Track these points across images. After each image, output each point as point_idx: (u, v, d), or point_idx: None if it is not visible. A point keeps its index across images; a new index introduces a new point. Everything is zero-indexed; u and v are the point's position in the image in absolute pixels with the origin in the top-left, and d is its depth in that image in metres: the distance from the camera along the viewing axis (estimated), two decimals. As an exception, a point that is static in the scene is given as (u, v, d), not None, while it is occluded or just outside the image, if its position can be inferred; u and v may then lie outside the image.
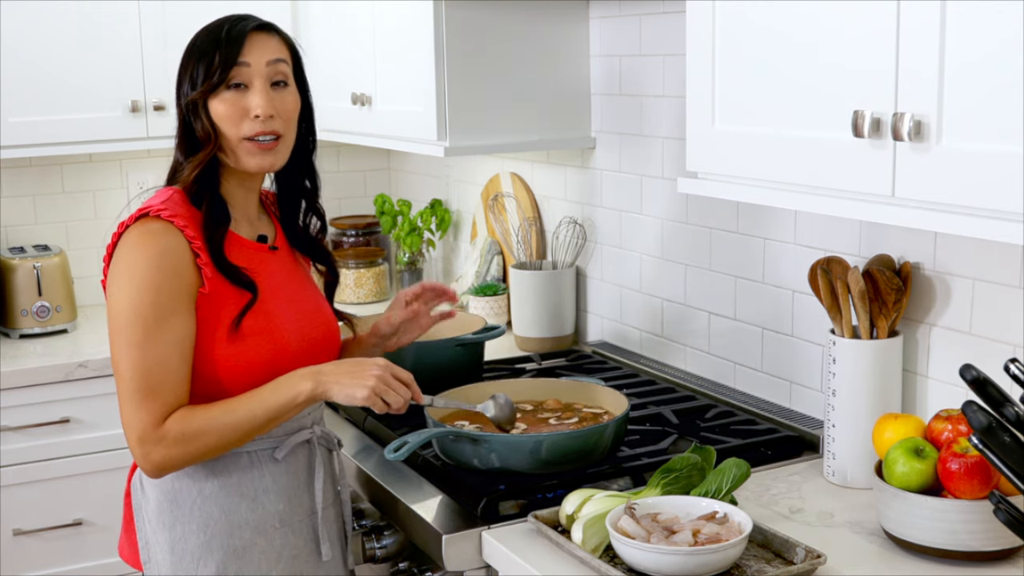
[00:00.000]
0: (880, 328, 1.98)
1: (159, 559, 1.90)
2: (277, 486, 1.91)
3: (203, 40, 1.88)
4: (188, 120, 1.89)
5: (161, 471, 1.80)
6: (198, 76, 1.86)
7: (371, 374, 1.83)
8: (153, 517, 1.89)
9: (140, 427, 1.77)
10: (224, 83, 1.85)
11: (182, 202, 1.86)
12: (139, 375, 1.77)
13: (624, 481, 2.01)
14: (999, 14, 1.39)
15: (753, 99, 1.81)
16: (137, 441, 1.78)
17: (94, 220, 3.71)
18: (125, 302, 1.78)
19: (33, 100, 3.25)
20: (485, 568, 1.88)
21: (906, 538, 1.72)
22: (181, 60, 1.91)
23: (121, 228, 1.83)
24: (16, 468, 3.08)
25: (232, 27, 1.87)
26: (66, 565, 3.16)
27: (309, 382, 1.82)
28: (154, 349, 1.77)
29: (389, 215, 3.74)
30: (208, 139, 1.86)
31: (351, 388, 1.82)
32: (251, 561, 1.89)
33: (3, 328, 3.40)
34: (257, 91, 1.86)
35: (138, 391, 1.77)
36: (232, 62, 1.85)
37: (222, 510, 1.87)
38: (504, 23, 2.72)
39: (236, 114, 1.86)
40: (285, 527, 1.92)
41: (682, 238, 2.60)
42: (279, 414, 1.82)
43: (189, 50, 1.90)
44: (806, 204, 1.74)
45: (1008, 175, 1.39)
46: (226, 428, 1.80)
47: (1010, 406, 1.40)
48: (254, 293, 1.86)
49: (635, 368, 2.70)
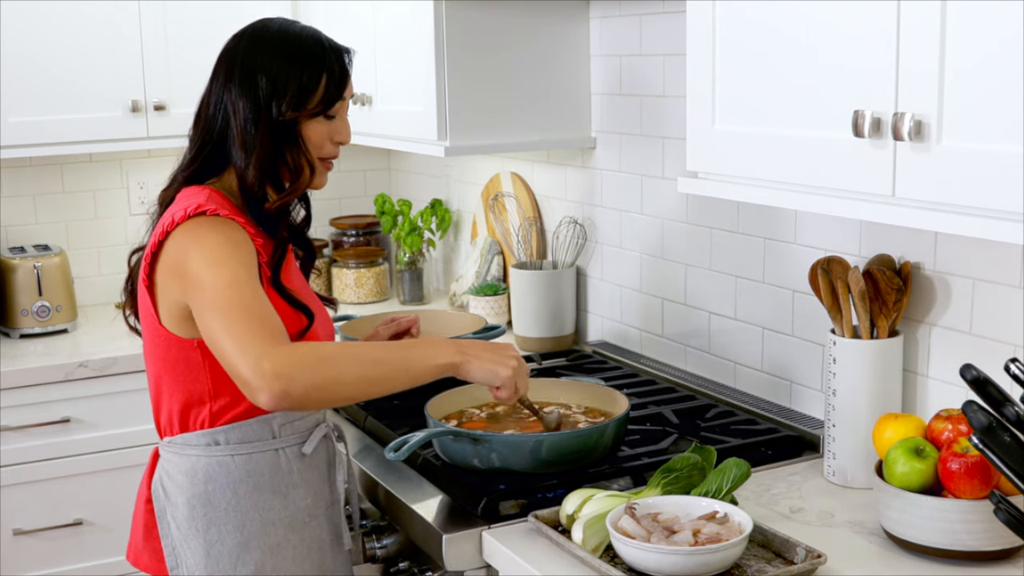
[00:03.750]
0: (880, 328, 1.98)
1: (191, 563, 1.89)
2: (303, 480, 1.93)
3: (306, 54, 1.87)
4: (275, 134, 1.86)
5: (287, 391, 1.61)
6: (307, 94, 1.86)
7: (512, 356, 1.86)
8: (183, 521, 1.89)
9: (261, 345, 1.63)
10: (325, 113, 1.89)
11: (225, 202, 1.86)
12: (255, 321, 1.66)
13: (624, 481, 2.01)
14: (999, 14, 1.39)
15: (753, 99, 1.81)
16: (259, 356, 1.62)
17: (94, 220, 3.71)
18: (213, 277, 1.71)
19: (33, 100, 3.25)
20: (485, 568, 1.88)
21: (906, 538, 1.72)
22: (263, 61, 1.86)
23: (171, 226, 1.79)
24: (16, 468, 3.07)
25: (334, 48, 1.91)
26: (66, 565, 3.16)
27: (451, 349, 1.78)
28: (262, 305, 1.70)
29: (389, 215, 3.74)
30: (303, 170, 1.89)
31: (495, 365, 1.82)
32: (286, 557, 1.90)
33: (3, 328, 3.40)
34: (345, 121, 1.94)
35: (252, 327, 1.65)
36: (340, 93, 1.90)
37: (257, 509, 1.88)
38: (504, 23, 2.72)
39: (324, 139, 1.91)
40: (313, 520, 1.94)
41: (682, 238, 2.60)
42: (416, 368, 1.74)
43: (285, 56, 1.86)
44: (806, 204, 1.74)
45: (1008, 175, 1.39)
46: (363, 359, 1.70)
47: (1010, 406, 1.40)
48: (310, 319, 1.89)
49: (635, 368, 2.70)
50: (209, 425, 1.86)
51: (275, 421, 1.89)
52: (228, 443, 1.87)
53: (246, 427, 1.87)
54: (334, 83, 1.89)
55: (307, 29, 1.93)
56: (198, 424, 1.87)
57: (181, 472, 1.88)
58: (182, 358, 1.84)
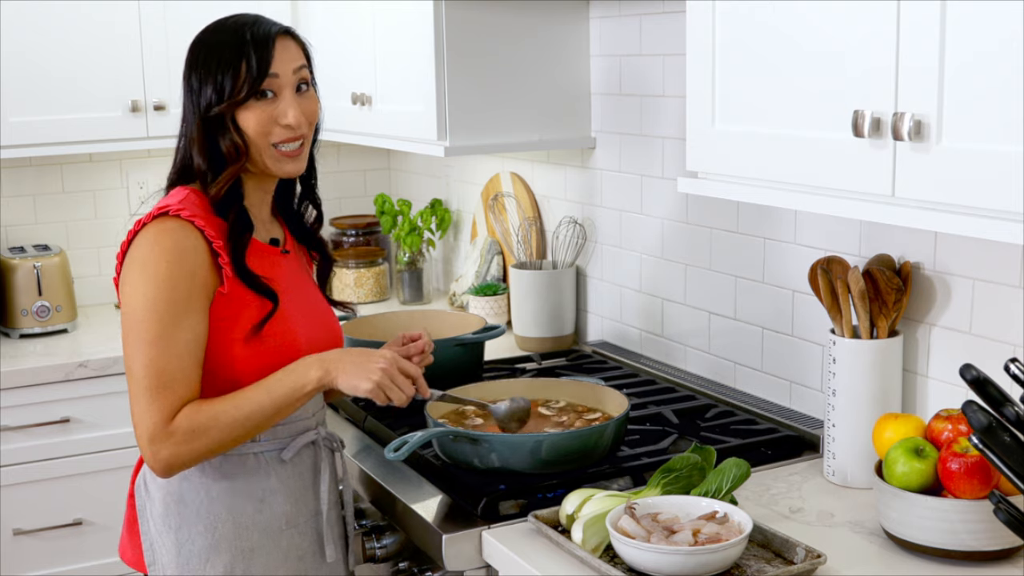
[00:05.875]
0: (880, 328, 1.98)
1: (165, 561, 1.89)
2: (284, 487, 1.91)
3: (224, 46, 1.83)
4: (209, 128, 1.84)
5: (170, 469, 1.79)
6: (225, 86, 1.82)
7: (377, 367, 1.82)
8: (158, 518, 1.89)
9: (151, 425, 1.76)
10: (254, 95, 1.83)
11: (200, 202, 1.85)
12: (152, 372, 1.76)
13: (624, 481, 2.01)
14: (999, 14, 1.39)
15: (753, 99, 1.81)
16: (148, 439, 1.76)
17: (94, 220, 3.71)
18: (140, 299, 1.77)
19: (33, 100, 3.26)
20: (485, 568, 1.88)
21: (906, 538, 1.72)
22: (195, 62, 1.85)
23: (138, 226, 1.81)
24: (16, 468, 3.08)
25: (255, 34, 1.84)
26: (66, 565, 3.16)
27: (316, 370, 1.81)
28: (168, 347, 1.76)
29: (389, 215, 3.74)
30: (237, 153, 1.84)
31: (356, 379, 1.81)
32: (258, 563, 1.89)
33: (3, 328, 3.40)
34: (287, 101, 1.85)
35: (150, 388, 1.76)
36: (264, 74, 1.82)
37: (229, 512, 1.87)
38: (504, 23, 2.72)
39: (266, 123, 1.84)
40: (291, 528, 1.92)
41: (682, 238, 2.60)
42: (286, 403, 1.81)
43: (207, 55, 1.84)
44: (806, 204, 1.74)
45: (1008, 175, 1.39)
46: (234, 422, 1.78)
47: (1010, 406, 1.40)
48: (275, 302, 1.86)
49: (635, 368, 2.70)
50: None
51: None
52: None
53: None
54: (252, 66, 1.82)
55: (241, 17, 1.88)
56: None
57: None
58: None
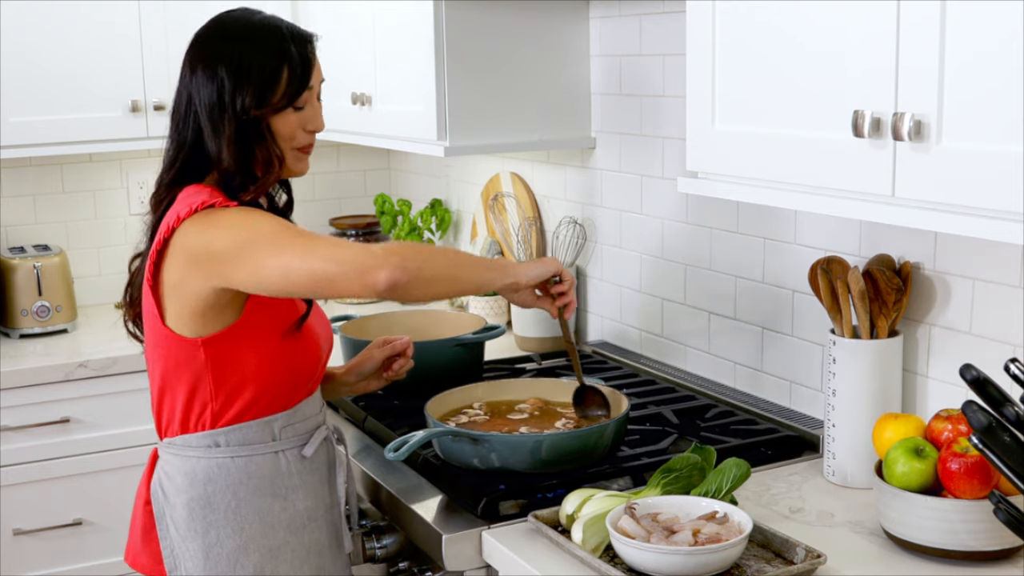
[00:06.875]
0: (880, 328, 1.98)
1: (190, 566, 1.89)
2: (304, 483, 1.93)
3: (267, 53, 1.84)
4: (242, 130, 1.84)
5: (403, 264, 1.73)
6: (266, 93, 1.83)
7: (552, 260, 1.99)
8: (182, 524, 1.88)
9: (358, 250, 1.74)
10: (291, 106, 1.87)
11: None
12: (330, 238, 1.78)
13: (624, 481, 2.01)
14: (999, 14, 1.39)
15: (753, 99, 1.81)
16: (363, 246, 1.75)
17: (94, 220, 3.71)
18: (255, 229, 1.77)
19: (33, 100, 3.25)
20: (485, 568, 1.88)
21: (906, 538, 1.72)
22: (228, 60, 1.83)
23: (177, 222, 1.79)
24: (16, 468, 3.08)
25: (297, 45, 1.87)
26: (66, 565, 3.16)
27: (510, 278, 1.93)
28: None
29: (389, 215, 3.74)
30: (275, 163, 1.87)
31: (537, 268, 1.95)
32: (284, 560, 1.90)
33: (3, 328, 3.40)
34: (315, 108, 1.92)
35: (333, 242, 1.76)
36: (305, 86, 1.87)
37: (256, 511, 1.88)
38: (504, 23, 2.72)
39: (295, 129, 1.89)
40: (312, 523, 1.94)
41: (682, 238, 2.60)
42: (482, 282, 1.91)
43: (246, 56, 1.84)
44: (806, 204, 1.74)
45: (1008, 175, 1.39)
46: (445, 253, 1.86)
47: (1010, 406, 1.40)
48: (309, 304, 1.91)
49: (635, 368, 2.70)
50: (211, 426, 1.86)
51: (276, 423, 1.89)
52: (228, 445, 1.87)
53: (247, 429, 1.87)
54: (296, 76, 1.85)
55: (268, 18, 1.89)
56: (199, 425, 1.87)
57: (181, 474, 1.88)
58: (184, 359, 1.84)
